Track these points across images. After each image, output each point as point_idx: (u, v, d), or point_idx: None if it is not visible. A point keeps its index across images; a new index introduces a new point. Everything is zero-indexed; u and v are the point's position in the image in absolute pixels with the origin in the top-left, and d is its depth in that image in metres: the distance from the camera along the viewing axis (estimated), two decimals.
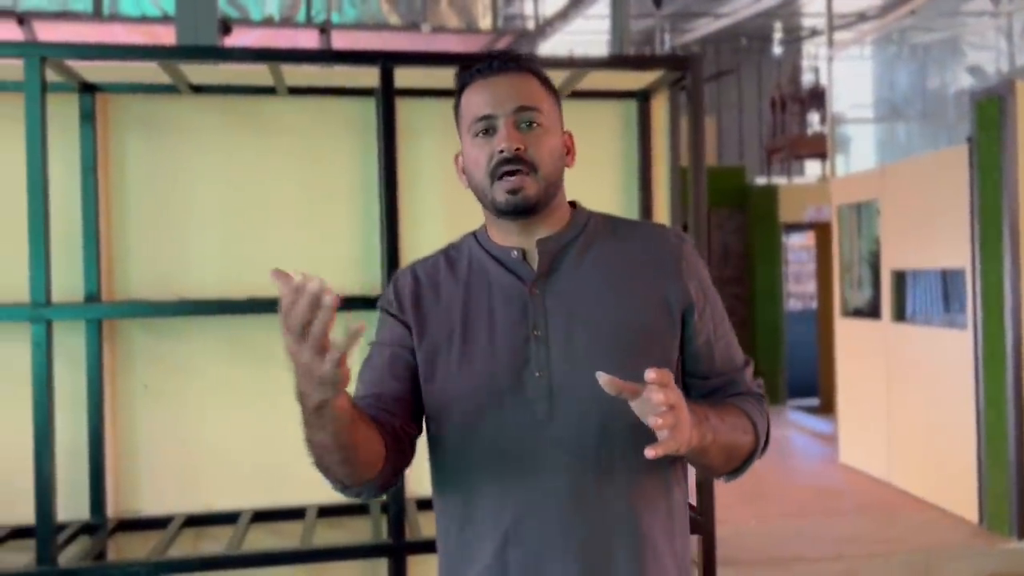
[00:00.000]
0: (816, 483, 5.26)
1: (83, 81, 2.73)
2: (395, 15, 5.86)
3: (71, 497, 2.74)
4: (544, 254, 1.23)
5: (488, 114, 1.20)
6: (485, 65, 1.23)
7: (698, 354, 1.26)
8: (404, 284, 1.30)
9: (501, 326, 1.21)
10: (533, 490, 1.16)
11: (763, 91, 12.43)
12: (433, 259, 1.32)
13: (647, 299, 1.23)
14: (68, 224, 2.75)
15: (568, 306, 1.21)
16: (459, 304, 1.25)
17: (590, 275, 1.23)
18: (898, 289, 5.24)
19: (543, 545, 1.15)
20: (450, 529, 1.25)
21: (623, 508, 1.18)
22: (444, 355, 1.23)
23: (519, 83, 1.21)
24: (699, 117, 2.73)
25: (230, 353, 2.89)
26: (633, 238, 1.28)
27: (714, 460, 1.17)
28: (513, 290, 1.23)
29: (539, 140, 1.20)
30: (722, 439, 1.15)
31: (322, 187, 2.94)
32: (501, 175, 1.18)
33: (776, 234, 8.61)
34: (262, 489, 2.89)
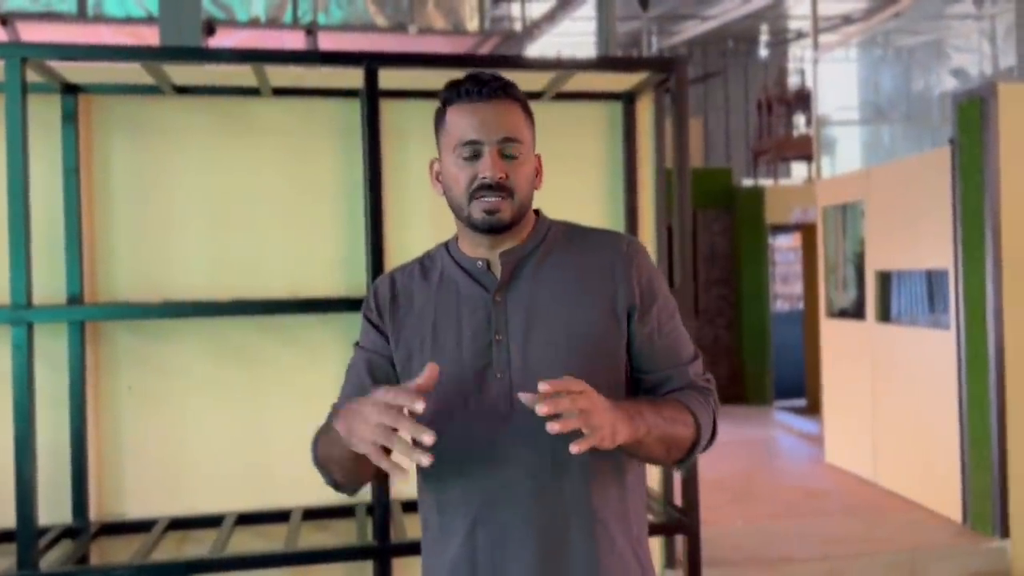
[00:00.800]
0: (803, 484, 5.27)
1: (65, 82, 2.71)
2: (382, 16, 5.84)
3: (53, 500, 2.73)
4: (506, 265, 1.34)
5: (475, 139, 1.28)
6: (476, 89, 1.29)
7: (641, 351, 1.35)
8: (383, 291, 1.41)
9: (467, 332, 1.33)
10: (497, 479, 1.29)
11: (749, 93, 12.50)
12: (410, 267, 1.43)
13: (597, 303, 1.34)
14: (50, 225, 2.74)
15: (526, 312, 1.33)
16: (430, 311, 1.36)
17: (547, 283, 1.34)
18: (883, 290, 5.28)
19: (507, 528, 1.29)
20: (430, 515, 1.38)
21: (578, 495, 1.30)
22: (417, 358, 1.34)
23: (506, 112, 1.29)
24: (683, 118, 2.74)
25: (215, 355, 2.88)
26: (586, 246, 1.38)
27: (653, 452, 1.27)
28: (478, 299, 1.34)
29: (518, 169, 1.30)
30: (658, 432, 1.24)
31: (307, 188, 2.93)
32: (481, 196, 1.28)
33: (762, 235, 8.64)
34: (247, 491, 2.88)
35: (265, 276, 2.90)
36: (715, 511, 4.45)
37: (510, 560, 1.29)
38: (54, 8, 5.40)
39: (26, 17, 5.25)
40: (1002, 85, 4.17)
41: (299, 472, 2.93)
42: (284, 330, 2.91)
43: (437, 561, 1.36)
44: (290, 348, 2.91)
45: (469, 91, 1.29)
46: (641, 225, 3.16)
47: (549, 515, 1.29)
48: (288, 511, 2.84)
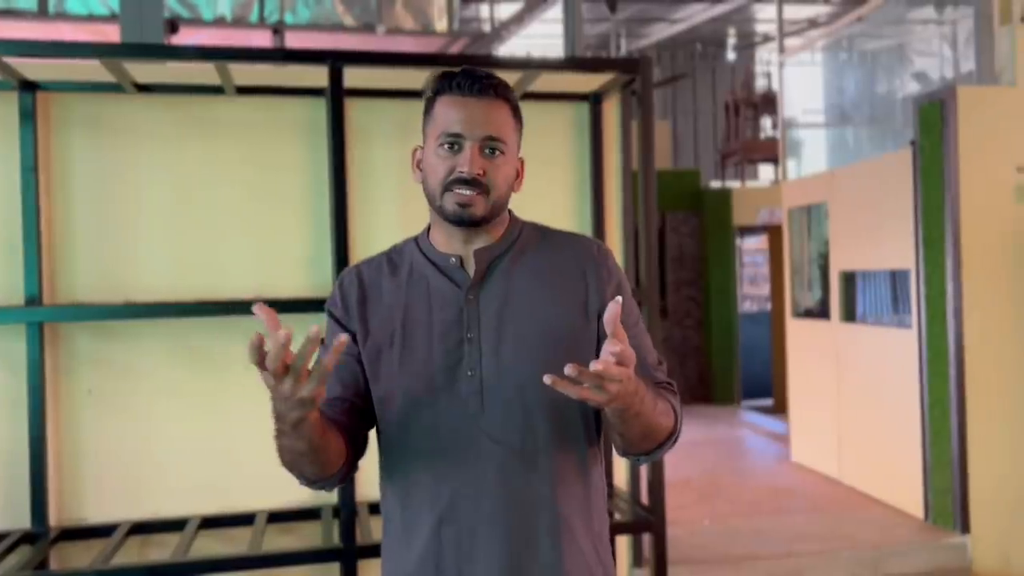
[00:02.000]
0: (769, 482, 5.32)
1: (23, 79, 2.66)
2: (350, 16, 5.81)
3: (11, 505, 2.67)
4: (480, 263, 1.34)
5: (458, 133, 1.29)
6: (467, 83, 1.30)
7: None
8: (349, 285, 1.39)
9: (438, 329, 1.32)
10: (466, 476, 1.29)
11: (717, 96, 12.61)
12: (377, 261, 1.41)
13: (569, 303, 1.35)
14: (8, 225, 2.69)
15: (498, 311, 1.33)
16: (400, 308, 1.34)
17: (519, 283, 1.35)
18: (847, 290, 5.35)
19: (474, 524, 1.29)
20: (394, 511, 1.36)
21: (545, 492, 1.31)
22: (386, 355, 1.33)
23: (493, 111, 1.30)
24: (649, 119, 2.76)
25: (177, 357, 2.84)
26: (558, 248, 1.40)
27: (633, 431, 1.26)
28: (450, 295, 1.33)
29: (497, 167, 1.30)
30: (647, 415, 1.24)
31: (272, 187, 2.90)
32: (455, 189, 1.29)
33: (730, 237, 8.72)
34: (210, 495, 2.84)
35: (229, 276, 2.87)
36: (682, 510, 4.49)
37: (477, 558, 1.29)
38: (14, 5, 5.30)
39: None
40: (961, 88, 4.25)
41: (263, 475, 2.92)
42: (248, 331, 2.82)
43: (400, 557, 1.35)
44: None
45: (460, 84, 1.30)
46: (608, 226, 3.17)
47: (516, 513, 1.29)
48: (253, 514, 2.81)
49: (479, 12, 7.97)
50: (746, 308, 10.25)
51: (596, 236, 3.13)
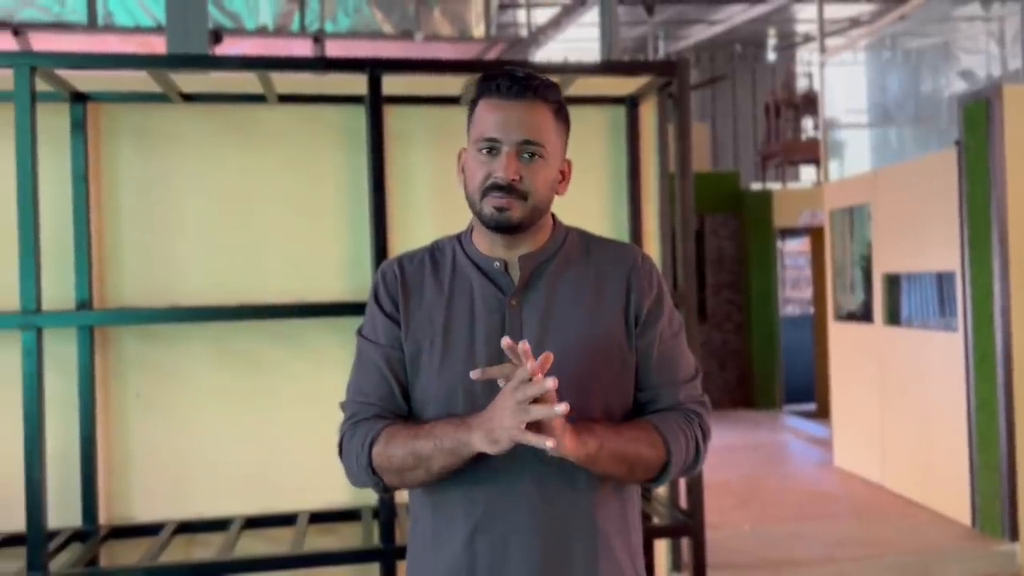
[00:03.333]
0: (811, 487, 5.25)
1: (74, 91, 2.75)
2: (388, 24, 5.88)
3: (63, 504, 2.75)
4: (525, 269, 1.32)
5: (495, 137, 1.27)
6: (505, 85, 1.27)
7: (639, 364, 1.34)
8: (392, 278, 1.37)
9: (480, 333, 1.30)
10: (502, 487, 1.27)
11: (757, 97, 12.48)
12: (419, 256, 1.39)
13: (611, 314, 1.33)
14: (60, 232, 2.77)
15: (542, 319, 1.31)
16: (441, 308, 1.32)
17: (563, 292, 1.33)
18: (890, 292, 5.26)
19: (509, 537, 1.26)
20: (423, 515, 1.34)
21: (583, 507, 1.29)
22: (426, 355, 1.31)
23: (532, 114, 1.27)
24: (686, 121, 2.75)
25: (221, 360, 2.90)
26: (603, 257, 1.38)
27: (610, 467, 1.26)
28: (493, 300, 1.31)
29: (536, 172, 1.27)
30: (613, 448, 1.24)
31: (312, 194, 2.95)
32: (492, 194, 1.27)
33: (770, 239, 8.63)
34: (254, 496, 2.90)
35: (270, 281, 2.92)
36: (721, 514, 4.45)
37: (509, 570, 1.26)
38: (65, 18, 5.46)
39: (37, 27, 5.31)
40: (1007, 87, 4.16)
41: (305, 476, 2.98)
42: (290, 335, 2.93)
43: (429, 563, 1.33)
44: (295, 353, 2.93)
45: (499, 87, 1.27)
46: (644, 229, 3.17)
47: (552, 525, 1.27)
48: (295, 515, 2.86)
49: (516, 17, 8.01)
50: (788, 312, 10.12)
51: (632, 239, 3.13)
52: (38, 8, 5.49)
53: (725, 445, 6.34)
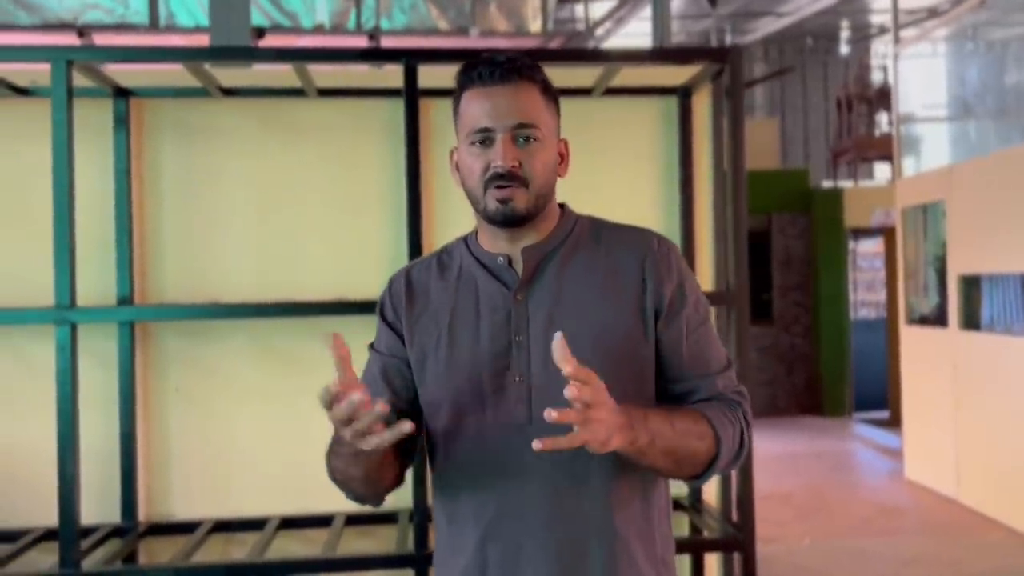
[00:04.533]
0: (878, 499, 4.99)
1: (116, 86, 2.75)
2: (444, 20, 5.83)
3: (103, 500, 2.76)
4: (529, 261, 1.27)
5: (487, 127, 1.22)
6: (487, 71, 1.22)
7: (668, 356, 1.28)
8: (398, 288, 1.35)
9: (485, 331, 1.26)
10: (513, 490, 1.22)
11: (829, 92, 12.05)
12: (427, 261, 1.37)
13: (624, 304, 1.26)
14: (103, 227, 2.78)
15: (549, 313, 1.25)
16: (447, 309, 1.29)
17: (571, 282, 1.27)
18: (966, 295, 4.96)
19: (522, 543, 1.21)
20: (441, 522, 1.32)
21: (599, 510, 1.22)
22: (432, 358, 1.28)
23: (520, 95, 1.22)
24: (739, 113, 2.60)
25: (260, 357, 2.87)
26: (614, 243, 1.30)
27: (657, 463, 1.19)
28: (498, 297, 1.27)
29: (534, 155, 1.23)
30: (664, 444, 1.16)
31: (354, 189, 2.90)
32: (494, 186, 1.22)
33: (841, 239, 8.30)
34: (291, 495, 2.86)
35: (311, 277, 2.88)
36: (780, 527, 4.24)
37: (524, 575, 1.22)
38: (128, 20, 5.57)
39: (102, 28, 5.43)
40: None
41: None
42: (329, 332, 2.87)
43: (448, 570, 1.30)
44: None
45: (482, 74, 1.22)
46: (697, 226, 3.01)
47: (566, 531, 1.21)
48: (331, 516, 2.81)
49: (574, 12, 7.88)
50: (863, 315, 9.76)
51: (684, 237, 2.99)
52: (103, 10, 5.61)
53: (788, 453, 6.11)
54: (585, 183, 3.07)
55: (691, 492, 2.97)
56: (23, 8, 5.57)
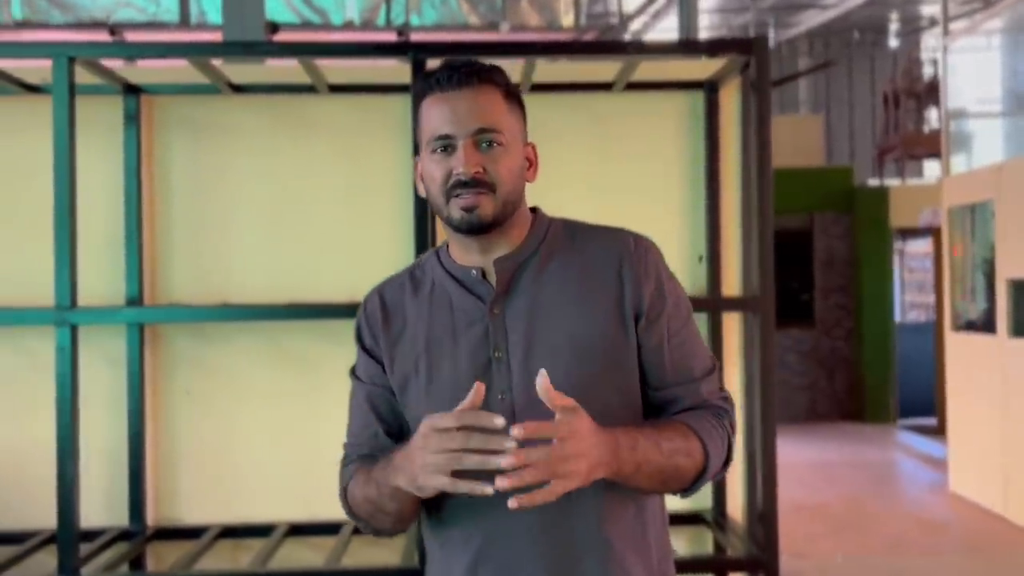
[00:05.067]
0: (919, 513, 4.76)
1: (126, 83, 2.71)
2: (475, 15, 5.75)
3: (112, 503, 2.73)
4: (502, 273, 1.23)
5: (447, 133, 1.18)
6: (445, 76, 1.20)
7: (650, 362, 1.24)
8: (372, 311, 1.30)
9: (464, 349, 1.22)
10: (500, 513, 1.15)
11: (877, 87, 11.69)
12: (400, 279, 1.32)
13: (604, 310, 1.22)
14: (113, 226, 2.74)
15: (527, 325, 1.21)
16: (423, 329, 1.25)
17: (548, 291, 1.23)
18: (1016, 300, 4.72)
19: (512, 564, 1.19)
20: (433, 548, 1.29)
21: (590, 525, 1.19)
22: (413, 382, 1.25)
23: (480, 100, 1.19)
24: (764, 108, 2.46)
25: (271, 359, 2.81)
26: (590, 246, 1.26)
27: (643, 485, 1.18)
28: (474, 312, 1.23)
29: (498, 160, 1.19)
30: (652, 468, 1.15)
31: (365, 187, 2.82)
32: (457, 194, 1.18)
33: (886, 239, 8.03)
34: (300, 501, 2.80)
35: (323, 278, 2.82)
36: (812, 541, 4.06)
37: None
38: (160, 18, 5.59)
39: (132, 27, 5.46)
40: None
41: None
42: (341, 335, 2.76)
43: None
44: (347, 353, 2.80)
45: (440, 80, 1.19)
46: (723, 225, 2.87)
47: (558, 550, 1.18)
48: (340, 524, 2.73)
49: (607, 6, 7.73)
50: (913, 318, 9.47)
51: (710, 238, 2.86)
52: (135, 8, 5.65)
53: (825, 462, 5.91)
54: (606, 182, 2.96)
55: (714, 506, 2.84)
56: (57, 7, 5.63)
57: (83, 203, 2.69)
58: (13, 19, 5.73)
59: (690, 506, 2.88)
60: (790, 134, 8.80)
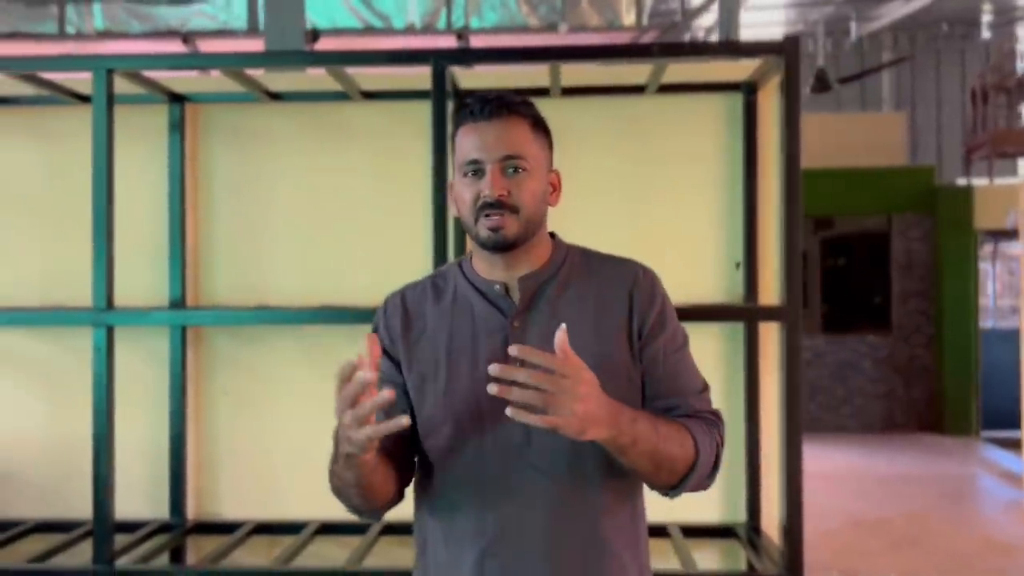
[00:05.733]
0: (989, 534, 4.49)
1: (171, 92, 2.81)
2: (534, 17, 5.73)
3: (154, 497, 2.84)
4: (525, 291, 1.34)
5: (477, 159, 1.30)
6: (478, 108, 1.33)
7: (648, 378, 1.36)
8: (393, 311, 1.39)
9: (483, 357, 1.30)
10: (511, 508, 1.28)
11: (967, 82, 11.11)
12: (422, 285, 1.41)
13: (615, 332, 1.34)
14: (156, 231, 2.85)
15: (545, 340, 1.27)
16: (444, 334, 1.34)
17: (565, 311, 1.33)
18: None
19: (519, 559, 1.27)
20: (434, 542, 1.35)
21: (593, 524, 1.30)
22: (431, 383, 1.33)
23: (509, 130, 1.31)
24: (793, 111, 2.38)
25: (308, 361, 2.87)
26: (604, 274, 1.39)
27: (638, 464, 1.25)
28: (495, 323, 1.33)
29: (522, 184, 1.30)
30: (647, 445, 1.23)
31: (401, 192, 2.85)
32: (486, 214, 1.29)
33: (970, 241, 7.61)
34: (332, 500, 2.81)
35: (357, 281, 2.87)
36: (866, 558, 3.88)
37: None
38: (230, 25, 5.78)
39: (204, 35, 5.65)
40: None
41: None
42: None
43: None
44: None
45: (473, 111, 1.32)
46: (761, 230, 2.78)
47: (563, 547, 1.28)
48: (369, 523, 2.77)
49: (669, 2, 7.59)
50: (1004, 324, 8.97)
51: (747, 246, 2.78)
52: (207, 16, 5.85)
53: (897, 475, 5.65)
54: (641, 186, 2.90)
55: (748, 519, 2.76)
56: (135, 17, 5.88)
57: (131, 208, 2.82)
58: (95, 30, 6.02)
59: (724, 519, 2.80)
60: (869, 132, 8.46)
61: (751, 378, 2.74)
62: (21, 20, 6.21)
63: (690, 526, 2.75)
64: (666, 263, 2.82)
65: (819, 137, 8.14)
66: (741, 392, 2.76)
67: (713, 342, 2.79)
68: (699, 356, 1.39)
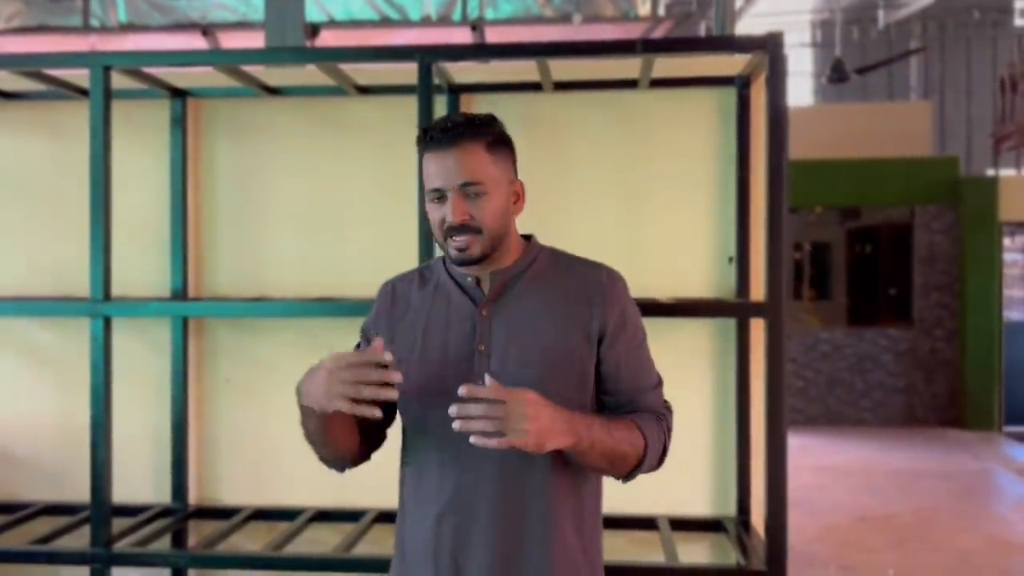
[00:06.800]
0: (997, 532, 4.42)
1: (172, 87, 2.87)
2: (548, 8, 5.72)
3: (157, 482, 2.92)
4: (495, 283, 1.51)
5: (438, 187, 1.44)
6: (437, 136, 1.44)
7: (607, 374, 1.51)
8: (383, 297, 1.60)
9: (453, 338, 1.49)
10: (468, 473, 1.45)
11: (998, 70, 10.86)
12: (412, 275, 1.61)
13: (573, 326, 1.49)
14: (158, 223, 2.92)
15: (509, 328, 1.48)
16: (423, 317, 1.53)
17: (529, 304, 1.50)
18: None
19: (472, 517, 1.45)
20: (408, 496, 1.54)
21: (539, 498, 1.45)
22: (407, 358, 1.49)
23: (466, 156, 1.42)
24: (778, 105, 2.36)
25: (308, 351, 2.87)
26: (570, 273, 1.53)
27: (594, 463, 1.44)
28: (466, 310, 1.50)
29: (483, 207, 1.44)
30: (602, 448, 1.41)
31: (399, 187, 2.88)
32: (452, 236, 1.45)
33: (994, 234, 7.47)
34: (329, 487, 2.90)
35: (356, 274, 2.91)
36: (866, 554, 3.86)
37: (472, 548, 1.44)
38: (249, 17, 5.83)
39: (224, 27, 5.72)
40: None
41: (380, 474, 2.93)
42: None
43: (410, 539, 1.52)
44: None
45: (433, 138, 1.44)
46: (753, 224, 2.77)
47: (510, 510, 1.44)
48: (364, 511, 2.83)
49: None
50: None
51: (739, 239, 2.78)
52: (228, 9, 5.92)
53: (911, 469, 5.59)
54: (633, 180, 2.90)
55: (738, 513, 2.77)
56: (157, 10, 5.97)
57: (135, 201, 2.90)
58: (119, 23, 6.13)
59: (714, 513, 2.81)
60: (893, 122, 8.32)
61: (742, 373, 2.75)
62: (47, 14, 6.35)
63: (679, 519, 2.77)
64: (658, 258, 2.87)
65: (844, 126, 8.04)
66: (732, 387, 2.77)
67: (706, 337, 2.79)
68: (691, 351, 1.51)
